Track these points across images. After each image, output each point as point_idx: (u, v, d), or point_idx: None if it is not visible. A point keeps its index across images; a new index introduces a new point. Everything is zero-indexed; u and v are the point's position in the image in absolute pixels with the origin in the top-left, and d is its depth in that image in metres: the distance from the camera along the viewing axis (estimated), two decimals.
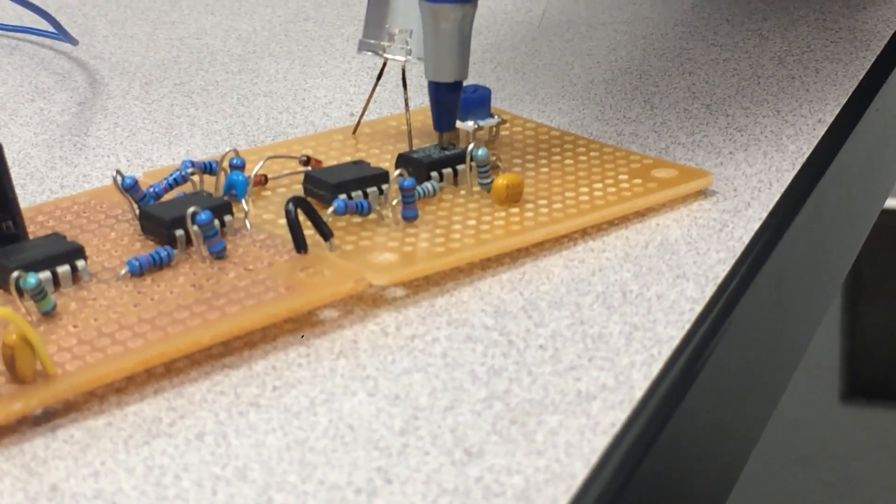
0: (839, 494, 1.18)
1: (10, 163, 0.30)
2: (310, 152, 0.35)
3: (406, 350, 0.27)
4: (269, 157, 0.34)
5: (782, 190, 0.34)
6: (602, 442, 0.24)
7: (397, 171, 0.31)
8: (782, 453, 1.20)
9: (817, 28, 0.46)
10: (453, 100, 0.34)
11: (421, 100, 0.40)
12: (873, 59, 0.43)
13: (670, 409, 0.26)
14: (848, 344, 1.32)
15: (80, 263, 0.28)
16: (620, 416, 0.25)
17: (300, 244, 0.29)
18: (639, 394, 0.26)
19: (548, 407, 0.25)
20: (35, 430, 0.25)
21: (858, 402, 1.29)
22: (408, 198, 0.31)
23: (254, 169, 0.33)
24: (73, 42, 0.45)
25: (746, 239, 0.31)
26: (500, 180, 0.32)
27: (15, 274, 0.27)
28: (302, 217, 0.30)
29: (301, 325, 0.28)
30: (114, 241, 0.30)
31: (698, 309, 0.28)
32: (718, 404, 0.29)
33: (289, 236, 0.30)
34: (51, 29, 0.45)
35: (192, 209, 0.29)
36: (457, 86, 0.34)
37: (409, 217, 0.31)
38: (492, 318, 0.28)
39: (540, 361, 0.27)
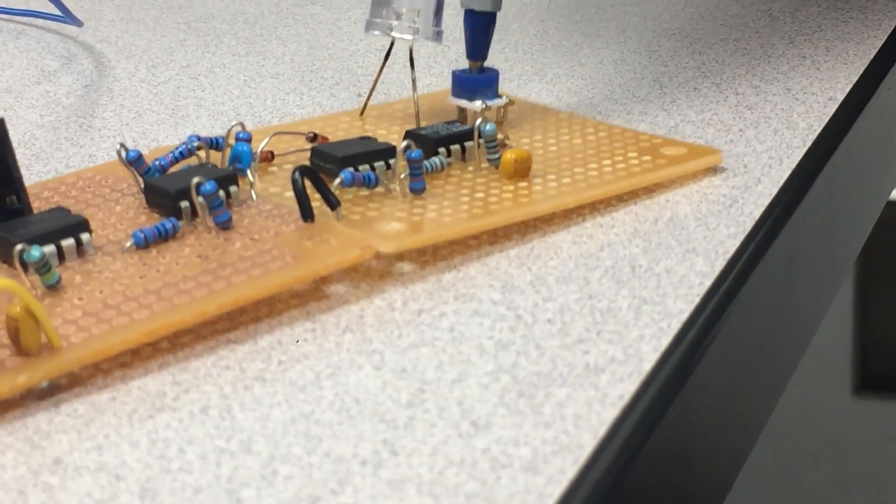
0: (851, 489, 1.18)
1: (15, 144, 0.29)
2: (316, 131, 0.34)
3: (413, 324, 0.27)
4: (276, 133, 0.33)
5: (793, 166, 0.33)
6: (610, 414, 0.24)
7: (405, 143, 0.31)
8: (794, 447, 1.19)
9: (828, 8, 0.45)
10: (486, 29, 0.35)
11: (428, 81, 0.40)
12: (884, 39, 0.42)
13: (680, 381, 0.25)
14: (860, 338, 1.32)
15: (84, 237, 0.28)
16: (629, 388, 0.25)
17: (307, 213, 0.29)
18: (648, 366, 0.25)
19: (556, 379, 0.25)
20: (38, 404, 0.25)
21: (871, 396, 1.29)
22: (415, 169, 0.31)
23: (260, 145, 0.32)
24: (78, 24, 0.45)
25: (757, 214, 0.31)
26: (509, 154, 0.32)
27: (19, 247, 0.26)
28: (309, 188, 0.29)
29: (307, 299, 0.28)
30: (119, 215, 0.30)
31: (708, 283, 0.28)
32: (728, 377, 0.29)
33: (295, 207, 0.29)
34: (56, 12, 0.45)
35: (196, 180, 0.29)
36: (490, 17, 0.35)
37: (417, 189, 0.31)
38: (499, 292, 0.28)
39: (548, 335, 0.27)
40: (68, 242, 0.28)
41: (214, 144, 0.32)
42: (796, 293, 0.33)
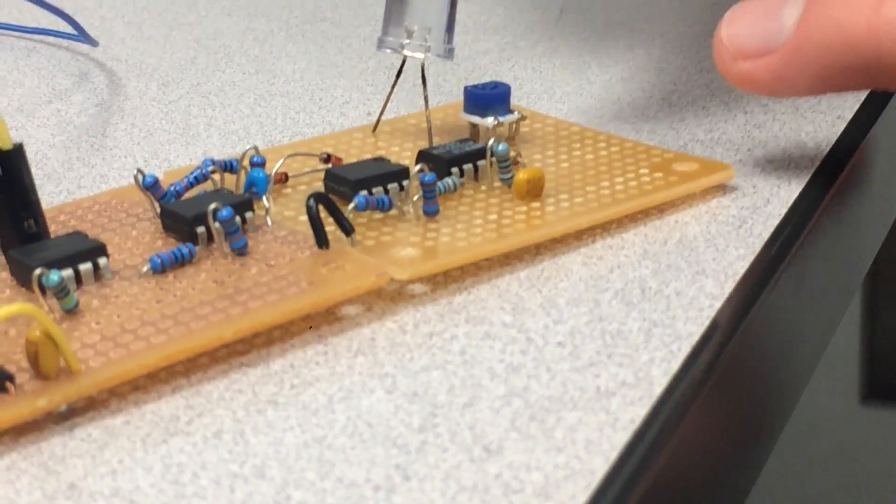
0: (859, 497, 1.18)
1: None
2: (330, 150, 0.34)
3: (424, 348, 0.27)
4: (290, 155, 0.34)
5: (802, 186, 0.33)
6: (622, 438, 0.24)
7: (418, 167, 0.31)
8: (802, 455, 1.19)
9: None
10: None
11: (439, 98, 0.40)
12: None
13: (690, 405, 0.25)
14: (868, 345, 1.31)
15: (101, 261, 0.28)
16: (640, 412, 0.25)
17: (321, 240, 0.29)
18: (658, 390, 0.25)
19: (567, 403, 0.25)
20: (53, 428, 0.25)
21: (879, 405, 1.28)
22: (429, 193, 0.31)
23: (274, 167, 0.33)
24: (94, 43, 0.45)
25: (766, 235, 0.31)
26: (521, 175, 0.32)
27: (37, 271, 0.27)
28: (323, 213, 0.30)
29: (319, 322, 0.28)
30: (135, 240, 0.30)
31: (717, 305, 0.28)
32: (738, 401, 0.29)
33: (310, 232, 0.29)
34: (70, 30, 0.45)
35: (213, 206, 0.29)
36: None
37: (430, 212, 0.31)
38: (510, 315, 0.28)
39: (559, 358, 0.27)
40: (86, 267, 0.28)
41: (229, 167, 0.32)
42: (806, 312, 0.33)
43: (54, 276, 0.27)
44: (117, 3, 0.51)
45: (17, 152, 0.29)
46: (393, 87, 0.36)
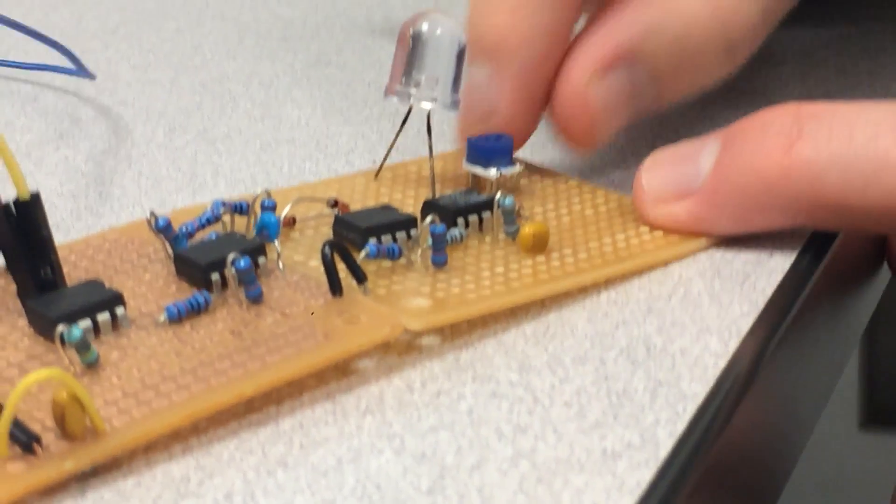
0: None
1: None
2: (333, 194, 0.35)
3: (432, 407, 0.28)
4: (297, 200, 0.34)
5: (804, 241, 0.34)
6: (628, 502, 0.24)
7: (429, 218, 0.32)
8: (801, 482, 1.19)
9: (837, 72, 0.46)
10: None
11: (441, 144, 0.40)
12: None
13: (694, 469, 0.26)
14: (867, 371, 1.32)
15: (119, 311, 0.29)
16: (646, 475, 0.25)
17: (336, 287, 0.30)
18: (664, 452, 0.26)
19: (573, 465, 0.25)
20: (65, 491, 0.25)
21: (878, 430, 1.28)
22: (439, 244, 0.31)
23: (283, 211, 0.33)
24: (91, 76, 0.45)
25: (769, 290, 0.31)
26: (527, 229, 0.32)
27: (60, 328, 0.27)
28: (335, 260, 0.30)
29: (327, 379, 0.28)
30: (149, 284, 0.30)
31: (722, 364, 0.29)
32: (743, 462, 0.29)
33: (322, 278, 0.30)
34: (68, 65, 0.45)
35: (231, 255, 0.29)
36: None
37: (439, 262, 0.32)
38: (516, 373, 0.29)
39: (565, 419, 0.27)
40: (104, 317, 0.28)
41: (239, 209, 0.33)
42: (809, 366, 0.34)
43: (76, 331, 0.27)
44: (122, 45, 0.52)
45: (35, 202, 0.29)
46: (397, 135, 0.37)
